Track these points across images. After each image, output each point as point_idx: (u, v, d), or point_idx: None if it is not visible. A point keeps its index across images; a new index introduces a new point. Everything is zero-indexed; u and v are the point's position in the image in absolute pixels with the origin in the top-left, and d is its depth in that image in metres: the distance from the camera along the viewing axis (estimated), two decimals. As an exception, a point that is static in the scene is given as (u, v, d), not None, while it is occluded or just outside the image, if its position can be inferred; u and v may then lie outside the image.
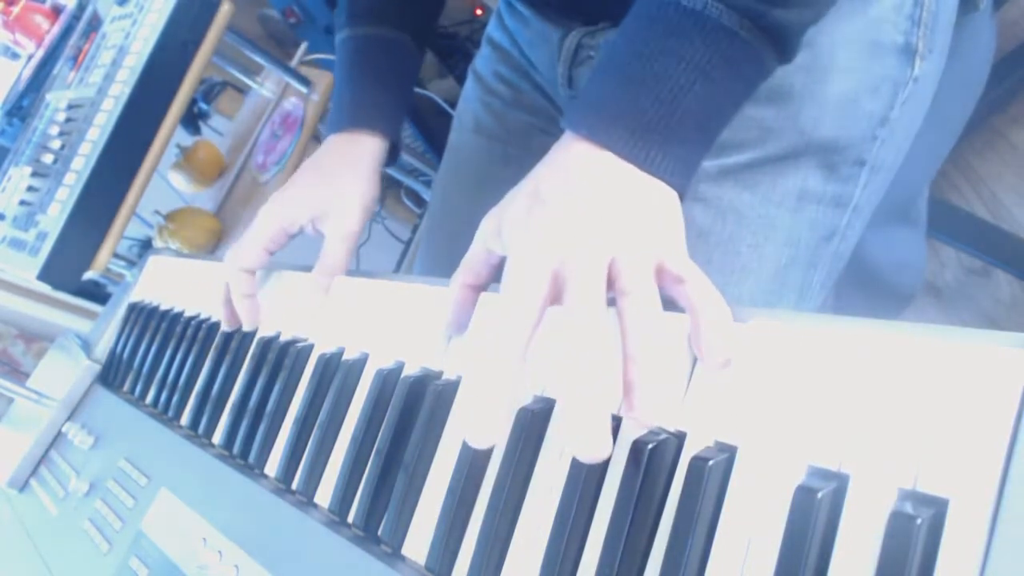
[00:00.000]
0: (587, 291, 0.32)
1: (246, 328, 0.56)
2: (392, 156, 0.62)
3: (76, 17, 1.13)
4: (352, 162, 0.58)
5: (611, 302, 0.33)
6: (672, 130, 0.36)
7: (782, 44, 0.38)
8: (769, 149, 0.50)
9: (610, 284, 0.33)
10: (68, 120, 0.96)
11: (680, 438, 0.30)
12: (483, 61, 0.72)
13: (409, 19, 0.62)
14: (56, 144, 0.94)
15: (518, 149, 0.69)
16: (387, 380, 0.42)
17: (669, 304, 0.34)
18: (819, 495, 0.25)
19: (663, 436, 0.30)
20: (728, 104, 0.38)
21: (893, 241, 0.86)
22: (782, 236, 0.50)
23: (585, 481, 0.31)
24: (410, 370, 0.43)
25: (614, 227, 0.34)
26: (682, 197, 0.38)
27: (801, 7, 0.38)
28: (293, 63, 1.29)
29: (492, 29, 0.71)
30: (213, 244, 1.19)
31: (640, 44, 0.37)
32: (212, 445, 0.54)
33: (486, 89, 0.71)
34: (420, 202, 1.81)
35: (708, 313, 0.32)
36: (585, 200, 0.35)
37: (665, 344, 0.32)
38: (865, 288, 0.90)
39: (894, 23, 0.49)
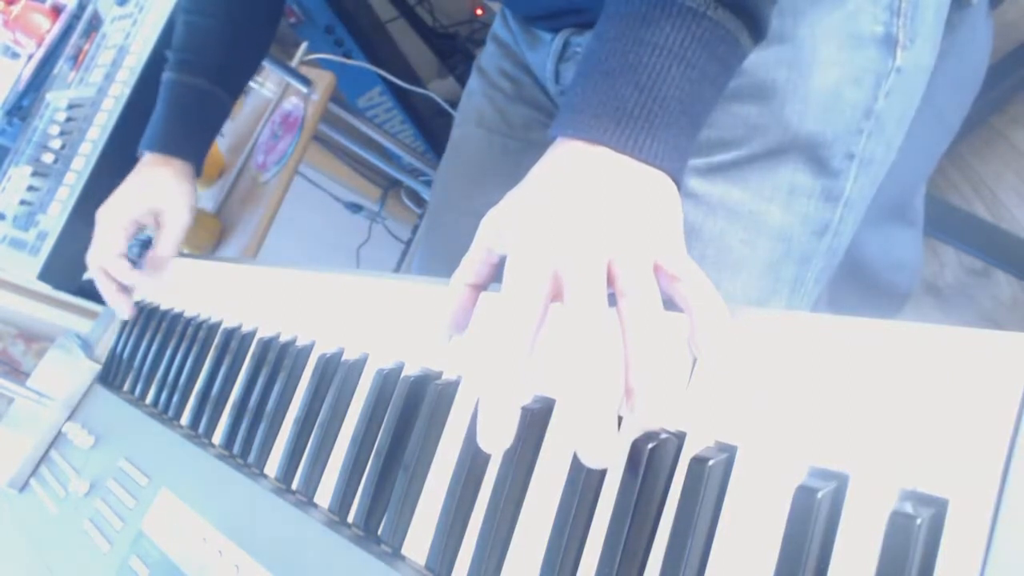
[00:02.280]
0: (586, 290, 0.32)
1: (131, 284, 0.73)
2: (196, 173, 0.80)
3: (76, 17, 1.13)
4: (173, 175, 0.76)
5: (614, 299, 0.33)
6: (656, 115, 0.36)
7: (751, 20, 0.39)
8: (756, 146, 0.50)
9: (611, 282, 0.33)
10: (68, 120, 0.96)
11: (680, 438, 0.30)
12: (487, 57, 0.74)
13: (226, 78, 0.79)
14: (56, 144, 0.94)
15: (519, 142, 0.70)
16: (387, 380, 0.42)
17: (671, 303, 0.34)
18: (819, 495, 0.25)
19: (663, 436, 0.30)
20: (708, 86, 0.39)
21: (890, 240, 0.86)
22: (774, 231, 0.51)
23: (585, 481, 0.31)
24: (410, 370, 0.43)
25: (612, 224, 0.34)
26: (679, 184, 0.38)
27: None
28: (293, 63, 1.29)
29: (497, 27, 0.74)
30: (213, 244, 1.19)
31: (613, 40, 0.38)
32: (212, 445, 0.54)
33: (490, 84, 0.73)
34: (420, 202, 1.81)
35: (703, 312, 0.32)
36: (582, 197, 0.35)
37: (665, 345, 0.32)
38: (861, 287, 0.90)
39: (872, 14, 0.50)
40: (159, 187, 0.75)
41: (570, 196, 0.35)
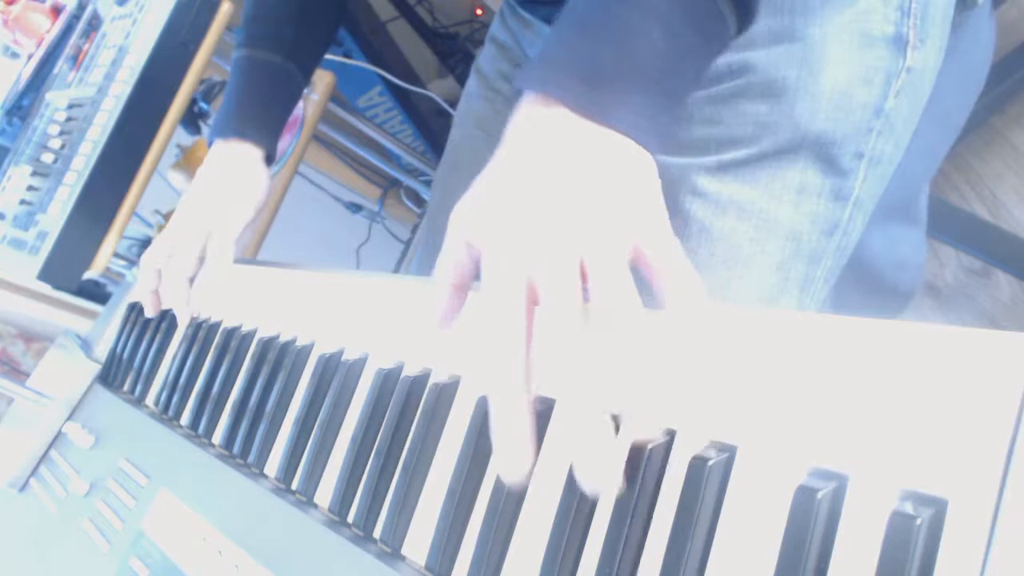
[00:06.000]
0: (559, 294, 0.32)
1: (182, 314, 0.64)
2: (267, 161, 0.73)
3: (76, 17, 1.13)
4: (243, 167, 0.70)
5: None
6: (630, 79, 0.34)
7: (741, 2, 0.38)
8: (766, 144, 0.50)
9: (585, 280, 0.33)
10: (68, 119, 0.96)
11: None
12: (486, 59, 0.74)
13: (299, 52, 0.72)
14: (56, 144, 0.94)
15: None
16: (387, 380, 0.42)
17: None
18: (819, 495, 0.25)
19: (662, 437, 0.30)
20: (689, 60, 0.37)
21: (893, 239, 0.86)
22: (783, 230, 0.51)
23: (585, 481, 0.31)
24: (410, 370, 0.43)
25: (581, 214, 0.33)
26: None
27: None
28: (293, 63, 1.29)
29: (495, 29, 0.73)
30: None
31: None
32: (212, 445, 0.53)
33: (489, 86, 0.72)
34: (420, 202, 1.81)
35: (677, 302, 0.32)
36: (547, 184, 0.34)
37: (641, 342, 0.32)
38: (864, 287, 0.90)
39: (883, 13, 0.50)
40: (224, 188, 0.68)
41: (535, 184, 0.34)
